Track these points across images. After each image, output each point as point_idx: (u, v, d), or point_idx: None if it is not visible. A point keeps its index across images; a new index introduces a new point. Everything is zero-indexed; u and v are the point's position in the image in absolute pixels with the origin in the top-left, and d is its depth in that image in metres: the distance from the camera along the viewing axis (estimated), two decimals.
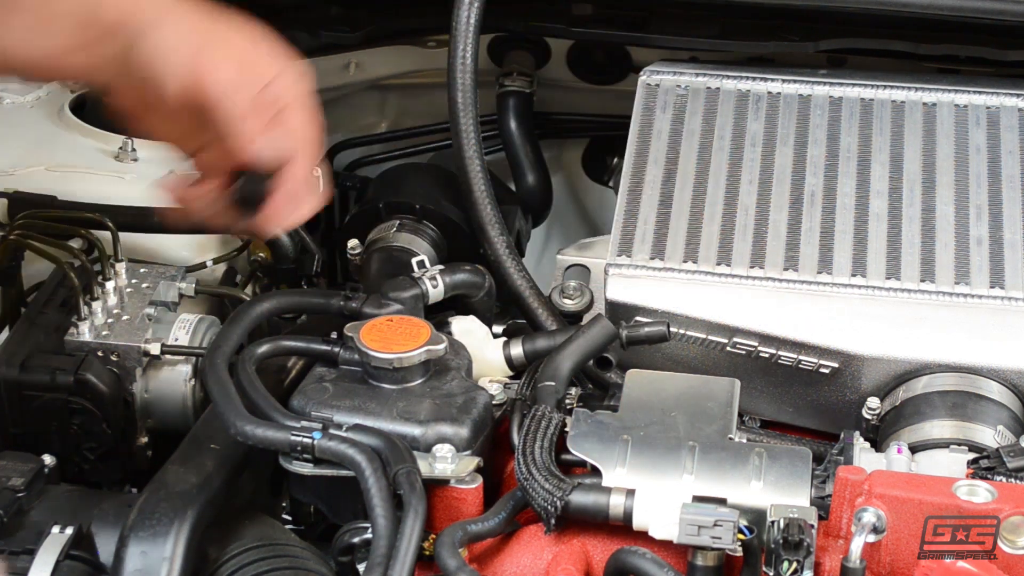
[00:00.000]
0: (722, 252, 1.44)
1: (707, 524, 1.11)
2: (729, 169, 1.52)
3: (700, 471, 1.20)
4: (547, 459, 1.20)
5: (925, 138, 1.53)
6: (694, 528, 1.12)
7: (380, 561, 1.12)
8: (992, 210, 1.46)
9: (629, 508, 1.17)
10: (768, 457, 1.21)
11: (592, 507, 1.18)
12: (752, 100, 1.58)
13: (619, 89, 1.85)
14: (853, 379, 1.37)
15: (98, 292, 1.41)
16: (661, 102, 1.59)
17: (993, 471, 1.22)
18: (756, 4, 1.67)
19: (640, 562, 1.12)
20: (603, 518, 1.18)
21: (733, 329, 1.38)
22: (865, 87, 1.58)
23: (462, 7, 1.52)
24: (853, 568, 1.11)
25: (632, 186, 1.51)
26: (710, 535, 1.11)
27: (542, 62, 1.88)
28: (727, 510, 1.12)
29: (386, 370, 1.27)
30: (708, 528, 1.11)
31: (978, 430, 1.29)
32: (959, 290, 1.39)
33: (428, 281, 1.39)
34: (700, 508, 1.13)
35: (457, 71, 1.52)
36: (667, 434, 1.24)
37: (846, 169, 1.50)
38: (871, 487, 1.14)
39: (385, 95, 1.95)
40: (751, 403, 1.41)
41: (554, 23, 1.80)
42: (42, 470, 1.24)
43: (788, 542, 1.12)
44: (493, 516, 1.21)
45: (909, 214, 1.46)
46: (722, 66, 1.63)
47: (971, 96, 1.56)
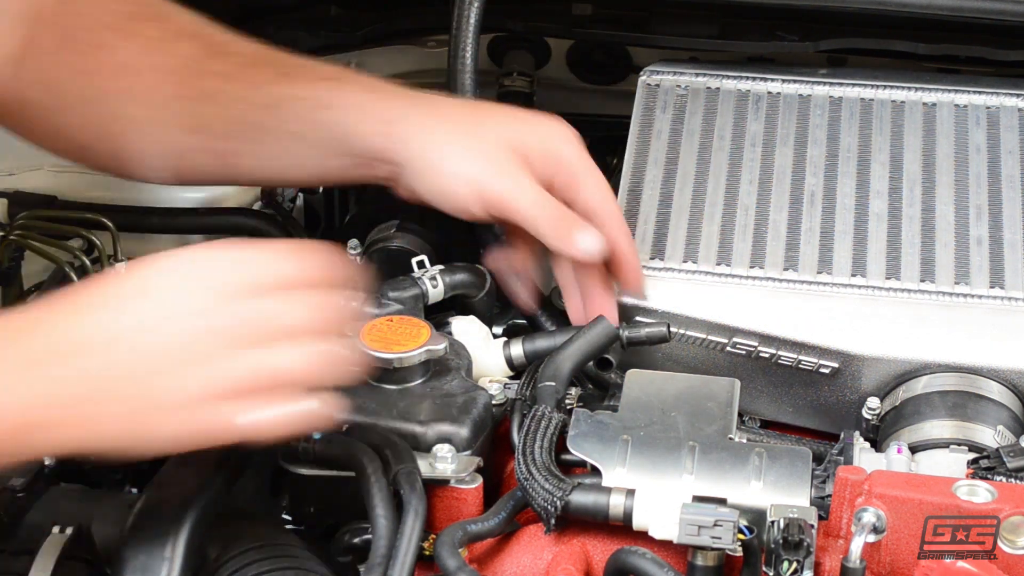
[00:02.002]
0: (722, 252, 1.44)
1: (707, 524, 1.11)
2: (729, 169, 1.52)
3: (700, 471, 1.20)
4: (547, 459, 1.20)
5: (925, 138, 1.53)
6: (694, 528, 1.11)
7: (380, 561, 1.12)
8: (992, 210, 1.46)
9: (629, 508, 1.17)
10: (768, 457, 1.21)
11: (592, 507, 1.18)
12: (752, 100, 1.58)
13: (619, 89, 1.85)
14: (853, 379, 1.36)
15: None
16: (661, 102, 1.59)
17: (993, 471, 1.22)
18: (756, 4, 1.67)
19: (640, 562, 1.12)
20: (603, 518, 1.18)
21: (733, 329, 1.38)
22: (865, 87, 1.58)
23: (462, 7, 1.52)
24: (853, 568, 1.11)
25: (632, 186, 1.51)
26: (710, 535, 1.11)
27: (542, 62, 1.88)
28: (727, 510, 1.12)
29: (386, 370, 1.27)
30: (708, 528, 1.11)
31: (978, 430, 1.29)
32: (959, 290, 1.39)
33: (428, 281, 1.39)
34: (700, 508, 1.13)
35: (457, 71, 1.52)
36: (667, 434, 1.24)
37: (846, 169, 1.50)
38: (871, 487, 1.14)
39: None
40: (751, 403, 1.41)
41: (554, 23, 1.80)
42: (42, 470, 1.24)
43: (788, 542, 1.12)
44: (493, 516, 1.21)
45: (909, 214, 1.46)
46: (722, 66, 1.63)
47: (971, 96, 1.56)
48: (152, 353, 1.06)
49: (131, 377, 1.05)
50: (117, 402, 1.05)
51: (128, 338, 1.05)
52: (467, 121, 1.36)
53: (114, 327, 1.06)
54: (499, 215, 1.33)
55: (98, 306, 1.07)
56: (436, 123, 1.35)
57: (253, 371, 1.07)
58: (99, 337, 1.05)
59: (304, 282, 1.11)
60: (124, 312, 1.06)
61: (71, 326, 1.06)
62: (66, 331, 1.06)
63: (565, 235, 1.32)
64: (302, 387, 1.09)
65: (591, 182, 1.35)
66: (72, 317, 1.07)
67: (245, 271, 1.10)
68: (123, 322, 1.06)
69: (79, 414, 1.05)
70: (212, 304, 1.07)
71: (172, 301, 1.07)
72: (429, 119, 1.36)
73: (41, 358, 1.04)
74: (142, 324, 1.06)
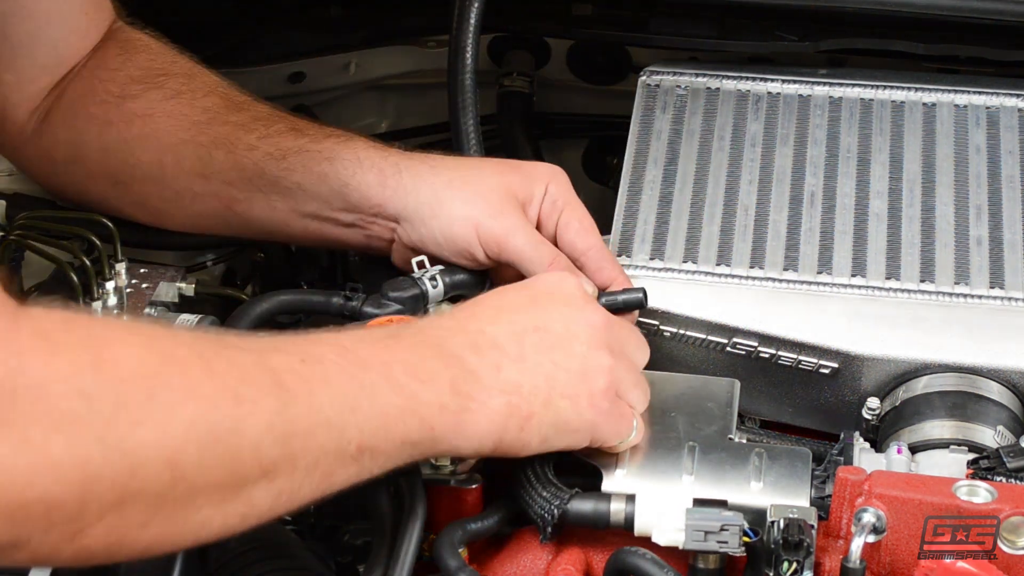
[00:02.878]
0: (722, 252, 1.44)
1: (713, 529, 1.11)
2: (729, 169, 1.52)
3: (700, 472, 1.20)
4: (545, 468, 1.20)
5: (925, 138, 1.53)
6: (700, 534, 1.11)
7: (380, 561, 1.13)
8: (992, 210, 1.46)
9: (630, 514, 1.16)
10: (768, 457, 1.21)
11: (592, 515, 1.18)
12: (752, 100, 1.58)
13: (619, 89, 1.85)
14: (853, 379, 1.36)
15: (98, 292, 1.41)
16: (661, 102, 1.59)
17: (993, 471, 1.22)
18: (756, 4, 1.67)
19: (640, 562, 1.12)
20: (604, 526, 1.18)
21: (733, 329, 1.38)
22: (865, 87, 1.58)
23: (462, 7, 1.52)
24: (853, 568, 1.11)
25: (632, 186, 1.51)
26: (716, 540, 1.11)
27: (542, 62, 1.88)
28: (732, 514, 1.12)
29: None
30: (715, 533, 1.11)
31: (978, 430, 1.29)
32: (959, 290, 1.39)
33: (428, 281, 1.39)
34: (705, 513, 1.12)
35: (457, 71, 1.52)
36: (667, 434, 1.24)
37: (846, 169, 1.50)
38: (871, 487, 1.14)
39: (385, 95, 1.95)
40: (751, 403, 1.41)
41: (554, 23, 1.80)
42: None
43: (788, 542, 1.12)
44: (493, 514, 1.20)
45: (909, 214, 1.46)
46: (722, 66, 1.63)
47: (971, 96, 1.56)
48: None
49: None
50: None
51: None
52: (463, 169, 1.40)
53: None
54: (497, 256, 1.36)
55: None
56: (434, 173, 1.39)
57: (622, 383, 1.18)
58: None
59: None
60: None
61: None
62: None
63: (561, 268, 1.35)
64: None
65: (575, 218, 1.38)
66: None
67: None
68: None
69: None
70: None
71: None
72: (427, 170, 1.40)
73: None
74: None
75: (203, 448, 0.91)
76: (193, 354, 0.93)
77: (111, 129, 1.45)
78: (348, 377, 1.01)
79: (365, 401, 1.01)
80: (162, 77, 1.46)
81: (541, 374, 1.13)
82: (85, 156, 1.46)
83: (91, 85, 1.46)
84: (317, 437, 0.98)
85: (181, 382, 0.91)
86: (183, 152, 1.44)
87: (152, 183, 1.46)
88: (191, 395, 0.91)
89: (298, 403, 0.97)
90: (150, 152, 1.44)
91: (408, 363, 1.06)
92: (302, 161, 1.41)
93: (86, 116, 1.45)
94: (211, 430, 0.91)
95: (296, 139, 1.43)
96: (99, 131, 1.45)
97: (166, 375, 0.90)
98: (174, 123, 1.44)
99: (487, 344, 1.12)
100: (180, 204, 1.46)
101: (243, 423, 0.93)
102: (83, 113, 1.45)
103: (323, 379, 1.00)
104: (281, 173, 1.42)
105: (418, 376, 1.06)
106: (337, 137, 1.44)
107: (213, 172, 1.43)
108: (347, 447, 1.00)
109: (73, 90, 1.46)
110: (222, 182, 1.44)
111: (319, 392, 0.99)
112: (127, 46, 1.49)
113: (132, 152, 1.45)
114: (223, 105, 1.45)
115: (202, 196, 1.45)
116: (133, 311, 1.42)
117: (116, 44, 1.49)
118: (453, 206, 1.36)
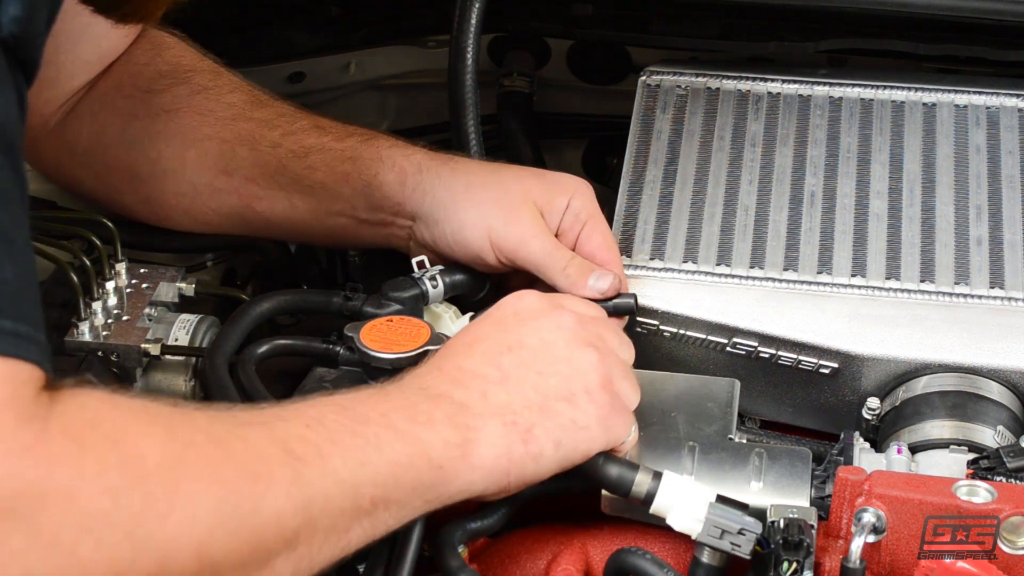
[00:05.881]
0: (722, 252, 1.44)
1: (732, 530, 1.11)
2: (729, 169, 1.52)
3: (700, 471, 1.20)
4: None
5: (925, 138, 1.53)
6: (718, 531, 1.11)
7: (380, 561, 1.13)
8: (992, 210, 1.46)
9: (653, 490, 1.15)
10: (768, 457, 1.21)
11: (615, 479, 1.16)
12: (752, 100, 1.58)
13: (619, 89, 1.85)
14: (853, 379, 1.36)
15: (98, 292, 1.41)
16: (661, 102, 1.59)
17: (993, 471, 1.22)
18: (756, 4, 1.67)
19: (640, 562, 1.12)
20: (624, 493, 1.16)
21: (733, 329, 1.38)
22: (865, 87, 1.58)
23: (462, 7, 1.52)
24: (853, 568, 1.11)
25: (632, 186, 1.51)
26: (731, 541, 1.11)
27: (542, 62, 1.88)
28: (753, 520, 1.11)
29: (386, 370, 1.27)
30: (731, 534, 1.11)
31: (978, 430, 1.29)
32: (959, 290, 1.39)
33: (428, 281, 1.39)
34: (727, 512, 1.12)
35: (458, 71, 1.52)
36: (667, 434, 1.24)
37: (846, 169, 1.50)
38: (871, 487, 1.14)
39: (385, 95, 1.95)
40: (751, 403, 1.41)
41: (554, 23, 1.80)
42: None
43: (788, 542, 1.12)
44: (493, 513, 1.20)
45: (909, 214, 1.46)
46: (722, 66, 1.63)
47: (971, 96, 1.56)
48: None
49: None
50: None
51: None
52: (484, 174, 1.40)
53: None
54: (511, 262, 1.36)
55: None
56: (454, 176, 1.39)
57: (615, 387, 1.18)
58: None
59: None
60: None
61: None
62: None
63: (577, 278, 1.34)
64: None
65: (598, 232, 1.38)
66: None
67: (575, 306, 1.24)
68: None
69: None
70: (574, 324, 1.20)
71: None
72: (447, 172, 1.40)
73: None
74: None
75: (229, 531, 0.92)
76: (210, 440, 0.94)
77: (136, 122, 1.45)
78: (352, 434, 1.03)
79: (373, 454, 1.03)
80: (189, 73, 1.47)
81: (528, 387, 1.14)
82: (107, 148, 1.46)
83: (119, 79, 1.47)
84: (334, 498, 0.99)
85: (202, 470, 0.92)
86: (207, 147, 1.44)
87: (171, 178, 1.45)
88: (213, 481, 0.92)
89: (311, 468, 0.98)
90: (173, 146, 1.45)
91: (404, 409, 1.08)
92: (324, 160, 1.42)
93: (112, 109, 1.46)
94: (235, 513, 0.92)
95: (319, 137, 1.43)
96: (124, 124, 1.46)
97: (187, 464, 0.91)
98: (199, 119, 1.45)
99: (467, 376, 1.13)
100: (197, 200, 1.46)
101: (263, 500, 0.94)
102: (110, 106, 1.46)
103: (330, 440, 1.01)
104: (303, 172, 1.42)
105: (416, 420, 1.07)
106: (360, 136, 1.44)
107: (235, 168, 1.44)
108: (362, 503, 1.01)
109: (102, 84, 1.47)
110: (244, 179, 1.44)
111: (328, 453, 1.00)
112: (155, 42, 1.49)
113: (155, 146, 1.45)
114: (248, 101, 1.46)
115: (222, 192, 1.45)
116: (133, 311, 1.42)
117: (145, 40, 1.49)
118: (467, 210, 1.37)
